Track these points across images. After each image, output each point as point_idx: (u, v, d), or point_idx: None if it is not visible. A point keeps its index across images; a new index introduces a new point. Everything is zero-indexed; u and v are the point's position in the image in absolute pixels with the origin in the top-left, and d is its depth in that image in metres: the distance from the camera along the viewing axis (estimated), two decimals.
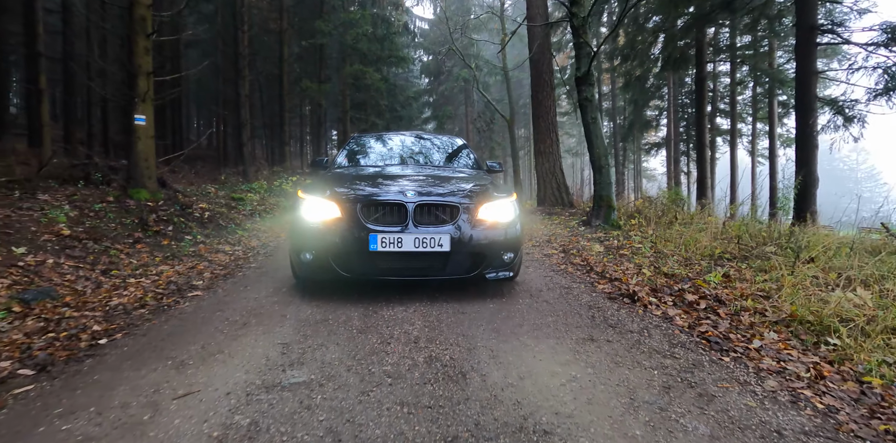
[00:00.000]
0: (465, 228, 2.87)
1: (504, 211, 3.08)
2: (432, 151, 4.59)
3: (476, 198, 3.02)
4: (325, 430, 1.49)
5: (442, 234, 2.80)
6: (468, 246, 2.86)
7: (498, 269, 3.00)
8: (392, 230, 2.77)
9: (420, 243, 2.76)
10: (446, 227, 2.84)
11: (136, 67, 5.64)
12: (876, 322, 2.60)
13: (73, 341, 2.25)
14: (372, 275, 2.85)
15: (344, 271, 2.82)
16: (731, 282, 3.78)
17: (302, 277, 3.13)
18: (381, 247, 2.74)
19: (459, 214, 2.89)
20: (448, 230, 2.83)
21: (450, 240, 2.80)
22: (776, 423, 1.61)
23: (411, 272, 2.89)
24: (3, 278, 2.96)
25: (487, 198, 3.07)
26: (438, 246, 2.78)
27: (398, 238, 2.75)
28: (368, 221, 2.81)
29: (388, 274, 2.86)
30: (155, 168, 5.93)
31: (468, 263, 2.93)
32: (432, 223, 2.85)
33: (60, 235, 4.07)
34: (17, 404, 1.65)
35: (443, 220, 2.88)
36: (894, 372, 2.06)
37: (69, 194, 5.39)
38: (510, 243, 3.01)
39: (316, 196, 2.97)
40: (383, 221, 2.82)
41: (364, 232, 2.76)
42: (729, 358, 2.21)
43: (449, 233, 2.81)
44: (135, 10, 5.61)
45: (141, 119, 5.66)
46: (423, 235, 2.77)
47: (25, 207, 4.60)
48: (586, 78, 6.94)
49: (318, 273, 2.93)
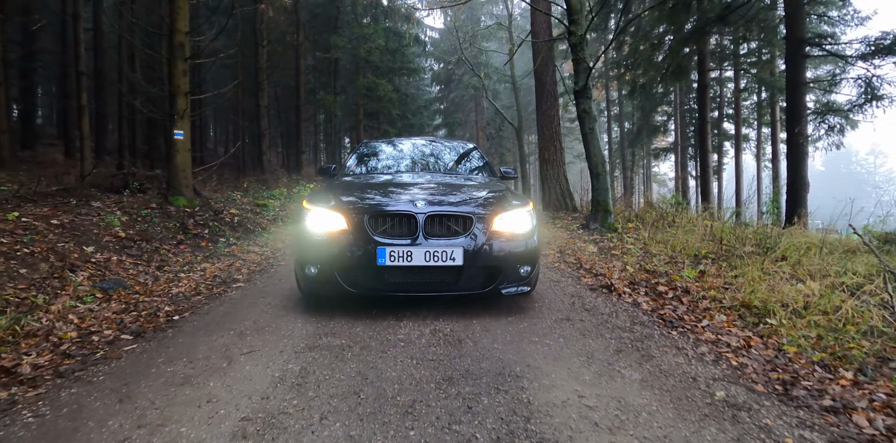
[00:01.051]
0: (479, 241, 2.73)
1: (521, 221, 2.94)
2: (444, 157, 4.48)
3: (491, 207, 2.89)
4: (356, 372, 2.05)
5: (454, 247, 2.65)
6: (483, 259, 2.73)
7: (514, 283, 2.87)
8: (401, 243, 2.64)
9: (431, 257, 2.62)
10: (459, 239, 2.70)
11: (176, 88, 6.32)
12: (811, 307, 3.08)
13: (153, 317, 2.85)
14: (380, 290, 2.74)
15: (350, 286, 2.71)
16: (704, 277, 4.26)
17: (306, 291, 3.01)
18: (390, 261, 2.61)
19: (473, 225, 2.75)
20: (461, 243, 2.69)
21: (463, 253, 2.66)
22: (694, 373, 2.13)
23: (422, 288, 2.76)
24: (83, 272, 3.58)
25: (503, 207, 2.93)
26: (451, 260, 2.64)
27: (408, 251, 2.62)
28: (376, 233, 2.69)
29: (397, 290, 2.75)
30: (191, 178, 6.59)
31: (482, 278, 2.79)
32: (444, 235, 2.72)
33: (118, 237, 4.71)
34: (129, 356, 2.24)
35: (455, 231, 2.74)
36: (809, 343, 2.55)
37: (117, 201, 6.05)
38: (527, 256, 2.87)
39: (321, 207, 2.86)
40: (392, 234, 2.70)
41: (371, 245, 2.63)
42: (676, 332, 2.72)
43: (462, 246, 2.68)
44: (175, 37, 6.29)
45: (179, 134, 6.33)
46: (434, 248, 2.64)
47: (84, 212, 5.25)
48: (584, 92, 7.46)
49: (323, 288, 2.81)
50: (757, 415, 1.75)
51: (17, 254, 3.38)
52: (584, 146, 7.60)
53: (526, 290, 2.95)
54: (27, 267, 3.29)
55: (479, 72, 19.07)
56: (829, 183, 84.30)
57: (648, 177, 35.04)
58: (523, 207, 3.04)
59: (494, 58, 24.99)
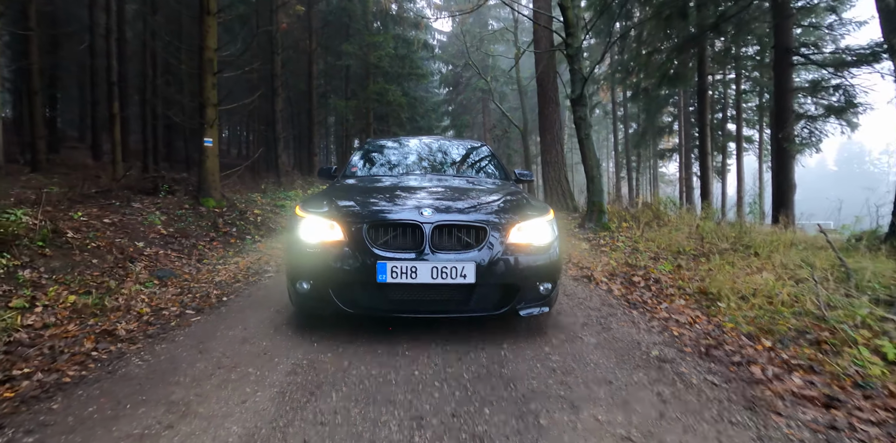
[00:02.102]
0: (494, 255, 2.44)
1: (541, 232, 2.65)
2: (453, 158, 4.21)
3: (507, 216, 2.62)
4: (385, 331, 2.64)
5: (466, 262, 2.36)
6: (498, 276, 2.45)
7: (533, 303, 2.59)
8: (405, 257, 2.35)
9: (439, 274, 2.33)
10: (471, 253, 2.41)
11: (206, 99, 6.98)
12: (758, 293, 3.62)
13: (206, 299, 3.47)
14: (380, 311, 2.49)
15: (346, 306, 2.44)
16: (680, 271, 4.80)
17: (298, 308, 2.80)
18: (392, 278, 2.32)
19: (487, 236, 2.46)
20: (473, 257, 2.39)
21: (476, 269, 2.36)
22: (639, 339, 2.69)
23: (428, 308, 2.50)
24: (139, 263, 4.22)
25: (521, 216, 2.65)
26: (461, 277, 2.34)
27: (412, 267, 2.32)
28: (376, 245, 2.40)
29: (400, 310, 2.49)
30: (219, 181, 7.25)
31: (497, 297, 2.52)
32: (454, 248, 2.43)
33: (161, 234, 5.36)
34: (197, 325, 2.85)
35: (467, 244, 2.44)
36: (745, 321, 3.10)
37: (153, 203, 6.72)
38: (548, 272, 2.59)
39: (315, 214, 2.58)
40: (394, 246, 2.42)
41: (371, 259, 2.34)
42: (637, 312, 3.28)
43: (475, 260, 2.37)
44: (204, 53, 6.95)
45: (209, 141, 6.99)
46: (442, 263, 2.34)
47: (128, 212, 5.91)
48: (580, 100, 8.01)
49: (315, 306, 2.56)
50: (677, 366, 2.31)
51: (88, 247, 4.02)
52: (580, 151, 8.14)
53: (545, 310, 2.68)
54: (97, 258, 3.93)
55: (487, 75, 19.67)
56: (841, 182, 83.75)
57: (655, 177, 35.35)
58: (543, 215, 2.74)
59: (501, 61, 25.55)
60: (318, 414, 1.74)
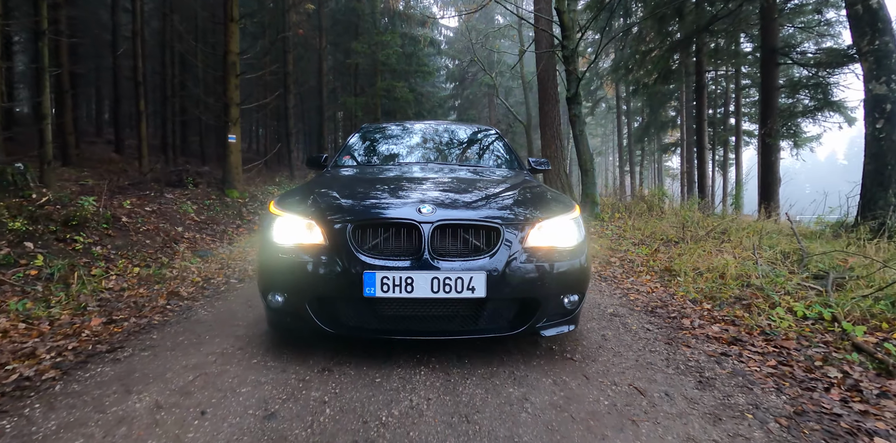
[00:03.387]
0: (509, 261, 1.98)
1: (566, 232, 2.19)
2: (459, 145, 3.78)
3: (525, 213, 2.16)
4: None
5: (475, 271, 1.91)
6: (514, 289, 1.98)
7: (556, 319, 2.14)
8: (398, 266, 1.91)
9: (441, 287, 1.88)
10: (481, 259, 1.95)
11: (229, 99, 7.63)
12: (713, 270, 4.21)
13: (245, 272, 4.13)
14: (368, 332, 2.02)
15: (327, 325, 2.00)
16: (656, 253, 5.40)
17: (271, 325, 2.27)
18: (382, 291, 1.88)
19: (501, 238, 2.00)
20: (484, 265, 1.94)
21: (486, 280, 1.91)
22: (601, 302, 3.31)
23: (426, 328, 2.03)
24: (182, 244, 4.89)
25: (542, 213, 2.19)
26: (468, 290, 1.89)
27: (407, 278, 1.88)
28: (363, 250, 1.95)
29: (392, 331, 2.02)
30: (242, 174, 7.91)
31: (511, 314, 2.07)
32: (460, 254, 1.97)
33: (195, 221, 6.04)
34: (243, 289, 3.51)
35: (476, 248, 1.99)
36: (695, 290, 3.70)
37: (183, 193, 7.39)
38: (575, 281, 2.14)
39: (291, 212, 2.14)
40: (386, 251, 1.97)
41: (356, 268, 1.90)
42: (606, 283, 3.89)
43: (485, 269, 1.93)
44: (228, 57, 7.59)
45: (232, 138, 7.65)
46: (445, 273, 1.89)
47: (163, 202, 6.59)
48: (575, 98, 8.56)
49: (291, 324, 2.11)
50: (624, 319, 2.93)
51: (140, 230, 4.70)
52: (575, 146, 8.71)
53: (570, 329, 2.23)
54: (149, 239, 4.61)
55: (492, 71, 20.17)
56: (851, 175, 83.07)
57: (660, 171, 35.71)
58: (568, 212, 2.28)
59: (507, 56, 26.01)
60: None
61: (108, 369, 2.01)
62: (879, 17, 6.19)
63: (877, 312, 2.85)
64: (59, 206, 4.24)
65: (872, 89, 6.17)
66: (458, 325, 2.02)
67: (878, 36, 6.14)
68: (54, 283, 3.09)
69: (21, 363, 2.02)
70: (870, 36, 6.18)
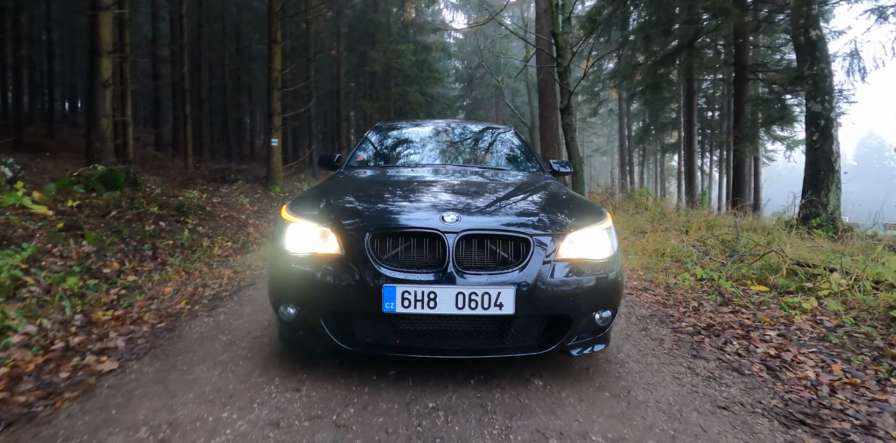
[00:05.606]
0: (539, 275, 1.81)
1: (599, 243, 2.04)
2: (477, 145, 3.64)
3: (556, 222, 2.01)
4: None
5: (503, 286, 1.75)
6: (545, 305, 1.84)
7: (587, 337, 2.00)
8: (420, 279, 1.76)
9: (466, 303, 1.74)
10: (510, 273, 1.79)
11: (273, 110, 9.04)
12: (658, 250, 5.56)
13: None
14: (386, 349, 1.87)
15: (343, 341, 1.87)
16: (623, 241, 6.74)
17: (283, 340, 2.13)
18: (403, 307, 1.74)
19: (532, 250, 1.84)
20: (513, 279, 1.77)
21: (516, 296, 1.75)
22: None
23: (450, 346, 1.87)
24: (250, 227, 6.30)
25: (573, 222, 2.04)
26: (496, 307, 1.74)
27: (430, 293, 1.73)
28: (382, 261, 1.81)
29: (413, 349, 1.87)
30: (282, 172, 9.34)
31: (540, 331, 1.93)
32: (487, 267, 1.82)
33: (251, 210, 7.46)
34: None
35: (504, 260, 1.83)
36: (638, 264, 5.04)
37: (234, 189, 8.82)
38: (608, 296, 1.99)
39: (305, 219, 2.01)
40: (406, 262, 1.83)
41: (375, 281, 1.76)
42: None
43: (514, 284, 1.76)
44: (272, 74, 9.00)
45: (275, 141, 9.07)
46: (471, 287, 1.74)
47: (221, 195, 8.02)
48: (567, 109, 9.87)
49: (304, 339, 1.99)
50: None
51: (221, 216, 6.12)
52: (567, 150, 10.03)
53: (602, 348, 2.12)
54: (228, 223, 6.03)
55: (499, 74, 21.47)
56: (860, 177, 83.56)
57: (662, 171, 36.81)
58: (600, 220, 2.13)
59: (515, 57, 27.29)
60: None
61: (255, 293, 3.42)
62: (818, 47, 7.46)
63: (748, 274, 4.20)
64: (165, 196, 5.66)
65: (811, 107, 7.46)
66: (484, 342, 1.86)
67: (816, 63, 7.42)
68: (183, 250, 4.50)
69: (206, 288, 3.44)
70: (809, 62, 7.46)
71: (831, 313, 3.05)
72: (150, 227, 4.49)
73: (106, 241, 3.85)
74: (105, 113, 6.00)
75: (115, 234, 4.03)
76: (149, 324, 2.64)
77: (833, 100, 7.42)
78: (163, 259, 4.07)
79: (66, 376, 1.96)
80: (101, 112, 5.96)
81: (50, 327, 2.43)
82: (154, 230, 4.48)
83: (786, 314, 3.09)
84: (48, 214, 3.82)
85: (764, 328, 2.85)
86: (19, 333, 2.31)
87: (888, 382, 2.12)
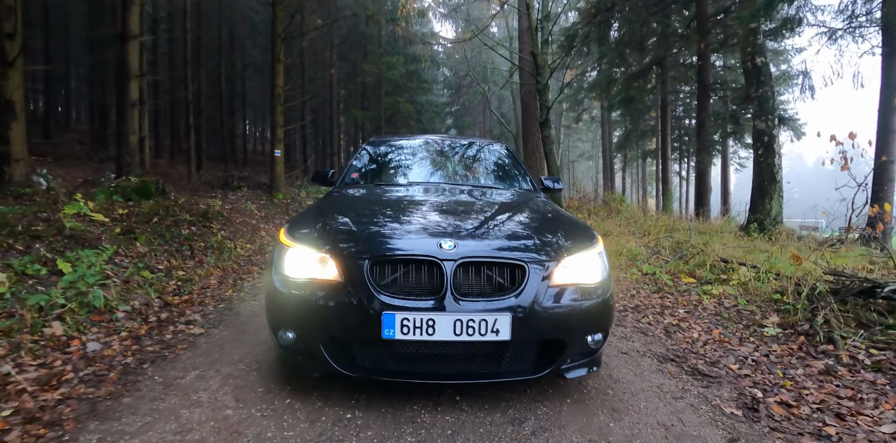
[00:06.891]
0: (535, 301, 1.86)
1: (591, 268, 2.08)
2: (469, 163, 3.69)
3: (550, 247, 2.05)
4: None
5: (499, 313, 1.80)
6: (540, 330, 1.90)
7: (580, 360, 2.05)
8: (419, 306, 1.80)
9: (464, 329, 1.77)
10: (506, 299, 1.83)
11: (276, 123, 9.84)
12: (615, 251, 6.49)
13: None
14: (384, 374, 1.90)
15: (342, 366, 1.89)
16: None
17: (281, 363, 2.21)
18: (402, 334, 1.77)
19: (527, 276, 1.88)
20: (509, 305, 1.82)
21: (511, 322, 1.80)
22: None
23: (447, 371, 1.91)
24: (262, 232, 7.11)
25: (567, 247, 2.07)
26: (493, 333, 1.78)
27: (429, 320, 1.77)
28: (381, 287, 1.84)
29: (412, 374, 1.91)
30: (284, 181, 10.13)
31: (535, 355, 1.97)
32: (483, 293, 1.86)
33: (259, 216, 8.25)
34: None
35: (500, 286, 1.88)
36: None
37: (240, 195, 9.58)
38: (600, 320, 2.05)
39: (304, 244, 2.02)
40: (405, 289, 1.86)
41: (375, 308, 1.80)
42: None
43: (510, 310, 1.81)
44: (275, 90, 9.80)
45: (278, 152, 9.86)
46: (468, 314, 1.78)
47: (231, 202, 8.78)
48: (546, 123, 10.83)
49: (303, 364, 2.01)
50: None
51: (237, 222, 6.92)
52: (546, 161, 10.98)
53: (594, 370, 2.15)
54: (243, 227, 6.83)
55: (486, 82, 22.45)
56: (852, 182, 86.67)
57: (644, 176, 38.11)
58: (592, 245, 2.17)
59: (501, 66, 28.35)
60: None
61: None
62: (763, 72, 8.50)
63: (683, 269, 5.13)
64: (189, 204, 6.45)
65: (756, 125, 8.49)
66: (480, 366, 1.92)
67: (761, 86, 8.45)
68: (214, 250, 5.31)
69: (242, 280, 4.26)
70: (756, 85, 8.50)
71: (732, 296, 3.98)
72: (185, 231, 5.29)
73: (154, 243, 4.65)
74: (133, 130, 6.77)
75: (160, 237, 4.83)
76: (211, 306, 3.47)
77: (776, 119, 8.45)
78: (199, 258, 4.88)
79: (170, 338, 2.79)
80: (129, 130, 6.72)
81: (139, 308, 3.25)
82: (189, 234, 5.28)
83: (699, 298, 4.01)
84: (105, 221, 4.62)
85: (677, 308, 3.77)
86: (121, 310, 3.13)
87: (747, 340, 3.03)
